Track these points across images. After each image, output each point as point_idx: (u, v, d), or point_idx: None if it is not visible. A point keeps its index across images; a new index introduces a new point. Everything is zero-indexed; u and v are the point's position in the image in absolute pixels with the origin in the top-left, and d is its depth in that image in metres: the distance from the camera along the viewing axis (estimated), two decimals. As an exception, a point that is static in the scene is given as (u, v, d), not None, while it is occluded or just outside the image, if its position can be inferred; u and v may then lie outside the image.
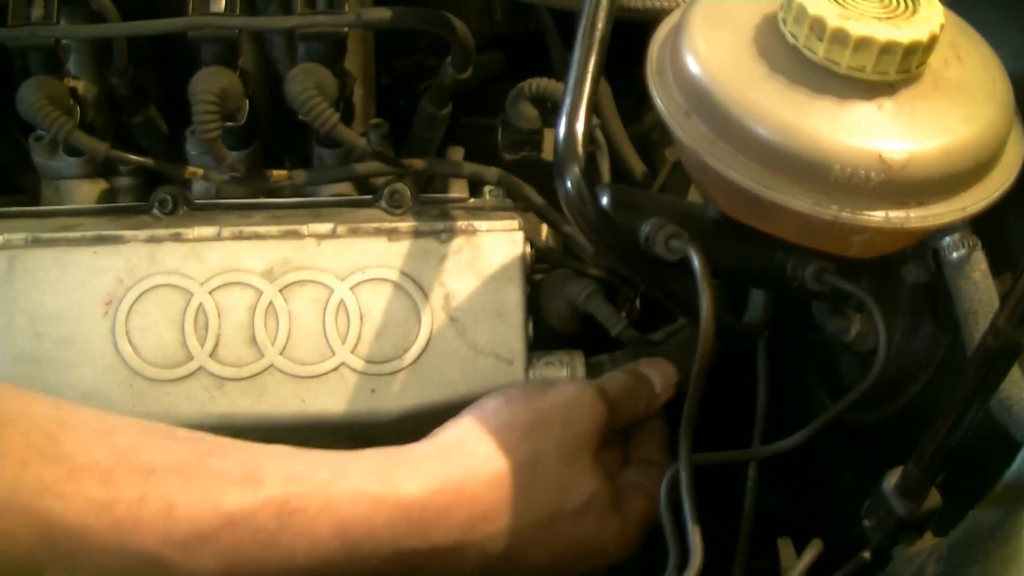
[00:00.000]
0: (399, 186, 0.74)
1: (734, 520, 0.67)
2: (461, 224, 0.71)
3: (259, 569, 0.55)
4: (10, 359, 0.68)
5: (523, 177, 0.75)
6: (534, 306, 0.73)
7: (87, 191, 0.77)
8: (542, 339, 0.73)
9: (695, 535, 0.54)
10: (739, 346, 0.70)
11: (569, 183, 0.54)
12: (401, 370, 0.70)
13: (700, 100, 0.51)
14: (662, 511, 0.60)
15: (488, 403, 0.65)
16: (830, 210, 0.49)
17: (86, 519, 0.52)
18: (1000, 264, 0.54)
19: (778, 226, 0.54)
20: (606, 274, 0.74)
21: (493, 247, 0.71)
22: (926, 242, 0.56)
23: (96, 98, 0.77)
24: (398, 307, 0.70)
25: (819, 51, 0.49)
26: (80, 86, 0.75)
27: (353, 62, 0.78)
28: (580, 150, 0.54)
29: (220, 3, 0.72)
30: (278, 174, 0.74)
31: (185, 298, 0.69)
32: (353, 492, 0.57)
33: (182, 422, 0.62)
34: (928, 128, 0.50)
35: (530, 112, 0.77)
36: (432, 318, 0.70)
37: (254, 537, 0.55)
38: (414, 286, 0.70)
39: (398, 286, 0.70)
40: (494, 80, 0.91)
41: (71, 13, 0.74)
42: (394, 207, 0.74)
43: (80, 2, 0.74)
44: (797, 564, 0.56)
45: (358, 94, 0.79)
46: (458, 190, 0.78)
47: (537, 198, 0.75)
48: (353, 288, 0.70)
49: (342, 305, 0.70)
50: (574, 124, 0.54)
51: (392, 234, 0.71)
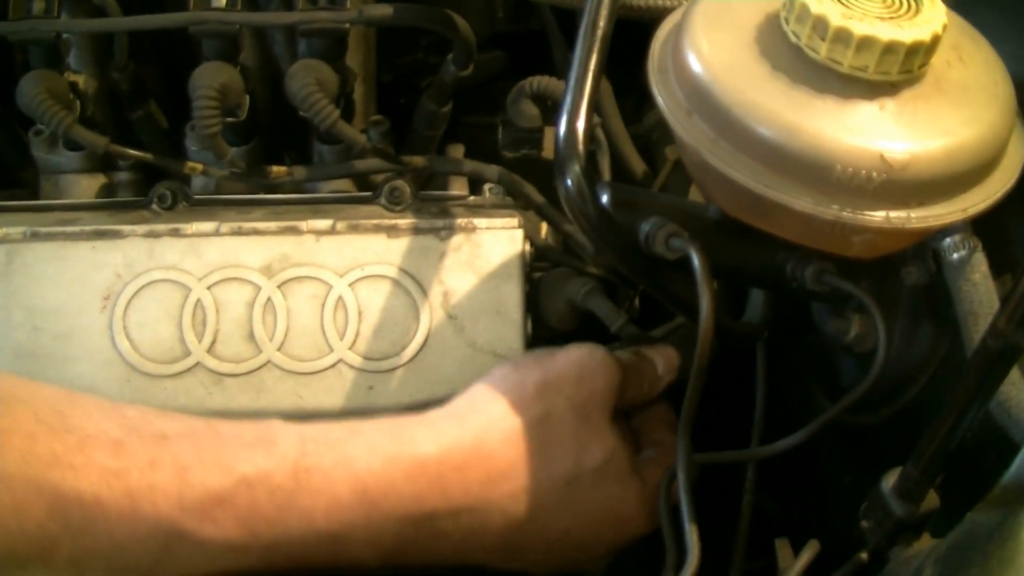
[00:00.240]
0: (399, 183, 0.74)
1: (732, 520, 0.67)
2: (461, 221, 0.71)
3: (279, 533, 0.54)
4: (8, 353, 0.68)
5: (523, 175, 0.75)
6: (533, 304, 0.73)
7: (86, 186, 0.77)
8: (541, 338, 0.72)
9: (692, 535, 0.54)
10: (738, 346, 0.70)
11: (570, 181, 0.54)
12: (399, 367, 0.69)
13: (702, 99, 0.51)
14: (661, 510, 0.60)
15: (497, 370, 0.64)
16: (831, 210, 0.49)
17: (98, 489, 0.52)
18: (1001, 265, 0.54)
19: (779, 226, 0.54)
20: (606, 273, 0.74)
21: (493, 245, 0.71)
22: (926, 243, 0.56)
23: (96, 93, 0.77)
24: (397, 304, 0.70)
25: (821, 51, 0.49)
26: (80, 80, 0.75)
27: (354, 59, 0.78)
28: (581, 148, 0.54)
29: (221, -1, 0.72)
30: (278, 170, 0.74)
31: (183, 293, 0.69)
32: (368, 448, 0.57)
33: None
34: (930, 129, 0.50)
35: (531, 110, 0.77)
36: (431, 315, 0.70)
37: (271, 498, 0.54)
38: (413, 283, 0.70)
39: (397, 283, 0.70)
40: (495, 78, 0.90)
41: (72, 7, 0.74)
42: (394, 204, 0.73)
43: (81, -4, 0.74)
44: (795, 565, 0.56)
45: (359, 91, 0.79)
46: (458, 188, 0.78)
47: (537, 196, 0.75)
48: (352, 285, 0.70)
49: (340, 301, 0.69)
50: (575, 122, 0.54)
51: (391, 231, 0.71)
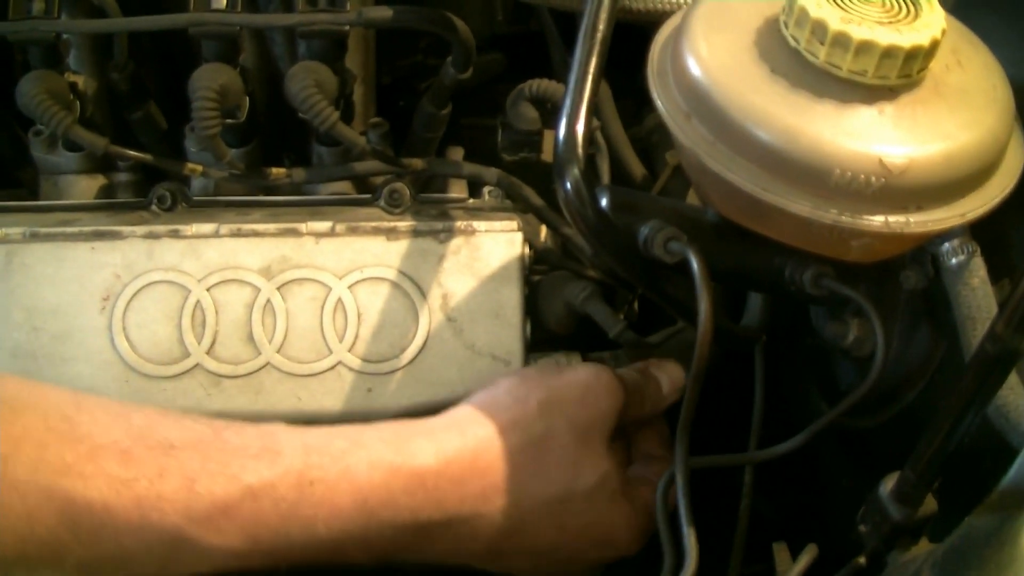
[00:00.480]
0: (398, 185, 0.74)
1: (730, 524, 0.67)
2: (460, 224, 0.71)
3: (281, 541, 0.56)
4: (7, 354, 0.68)
5: (522, 178, 0.75)
6: (532, 307, 0.73)
7: (86, 186, 0.77)
8: (540, 340, 0.72)
9: (691, 538, 0.54)
10: (737, 350, 0.70)
11: (569, 184, 0.54)
12: (398, 370, 0.69)
13: (701, 102, 0.51)
14: (658, 514, 0.60)
15: (503, 382, 0.65)
16: (829, 214, 0.49)
17: (108, 497, 0.53)
18: (999, 270, 0.54)
19: (777, 230, 0.54)
20: (605, 276, 0.74)
21: (492, 248, 0.71)
22: (925, 247, 0.56)
23: (96, 93, 0.77)
24: (396, 306, 0.70)
25: (820, 55, 0.49)
26: (80, 81, 0.75)
27: (354, 61, 0.78)
28: (580, 151, 0.54)
29: (222, 0, 0.72)
30: (277, 172, 0.74)
31: (183, 295, 0.69)
32: (370, 460, 0.58)
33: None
34: (929, 133, 0.50)
35: (530, 113, 0.76)
36: (430, 318, 0.70)
37: (275, 508, 0.55)
38: (412, 286, 0.70)
39: (396, 285, 0.70)
40: (495, 81, 0.90)
41: (72, 8, 0.74)
42: (393, 206, 0.73)
43: (81, -3, 0.74)
44: (792, 569, 0.56)
45: (358, 93, 0.79)
46: (457, 190, 0.78)
47: (536, 199, 0.75)
48: (351, 287, 0.70)
49: (340, 304, 0.69)
50: (574, 125, 0.54)
51: (391, 233, 0.71)
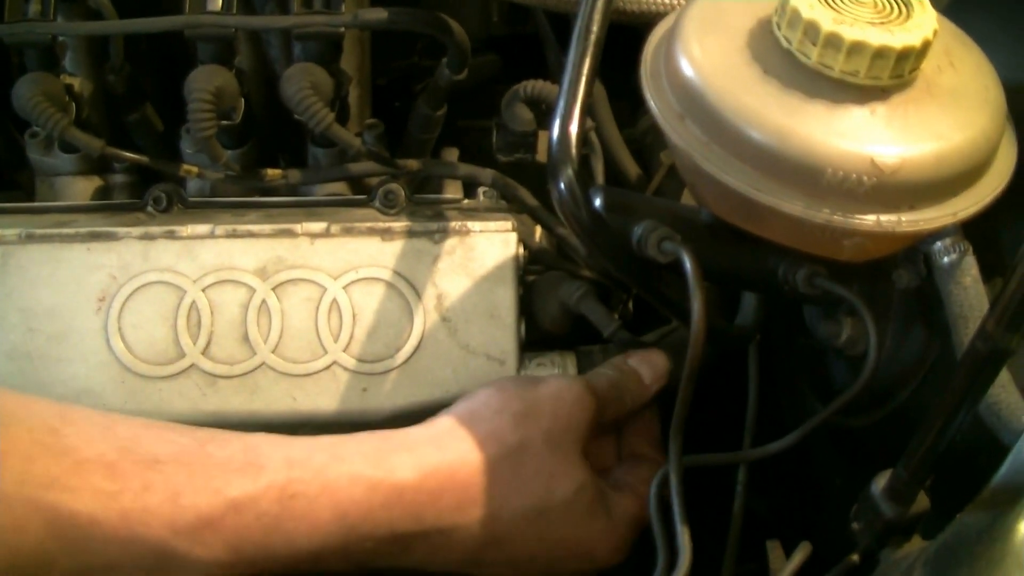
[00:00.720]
0: (393, 186, 0.74)
1: (723, 522, 0.67)
2: (455, 225, 0.71)
3: (264, 553, 0.57)
4: (2, 355, 0.68)
5: (518, 179, 0.76)
6: (526, 307, 0.73)
7: (82, 188, 0.77)
8: (534, 340, 0.73)
9: (684, 536, 0.54)
10: (730, 349, 0.70)
11: (562, 185, 0.54)
12: (393, 370, 0.70)
13: (694, 103, 0.52)
14: (651, 512, 0.60)
15: (480, 393, 0.66)
16: (822, 214, 0.50)
17: (94, 510, 0.54)
18: (991, 269, 0.54)
19: (770, 229, 0.55)
20: (599, 276, 0.74)
21: (486, 248, 0.71)
22: (917, 247, 0.56)
23: (92, 95, 0.77)
24: (391, 307, 0.70)
25: (813, 55, 0.49)
26: (76, 83, 0.75)
27: (349, 62, 0.78)
28: (573, 152, 0.54)
29: (217, 2, 0.72)
30: (273, 173, 0.74)
31: (178, 295, 0.69)
32: (350, 475, 0.59)
33: (174, 419, 0.62)
34: (920, 133, 0.50)
35: (525, 114, 0.77)
36: (424, 318, 0.70)
37: (258, 522, 0.56)
38: (407, 286, 0.70)
39: (391, 286, 0.70)
40: (490, 82, 0.91)
41: (68, 10, 0.74)
42: (388, 207, 0.74)
43: (77, -1, 0.74)
44: (786, 567, 0.56)
45: (354, 94, 0.79)
46: (452, 191, 0.78)
47: (531, 200, 0.75)
48: (346, 287, 0.70)
49: (335, 304, 0.70)
50: (568, 127, 0.54)
51: (386, 234, 0.71)
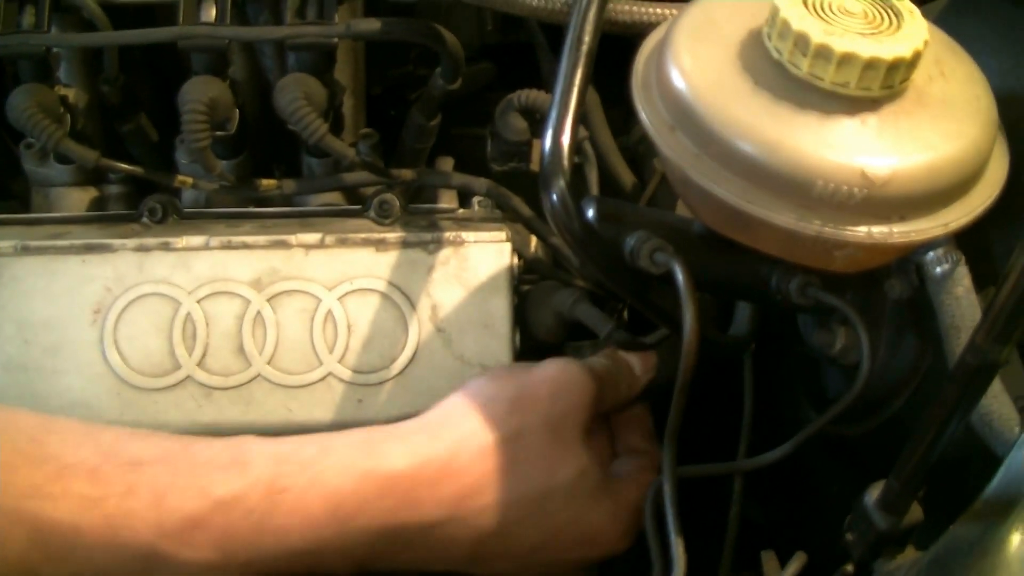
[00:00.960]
0: (388, 196, 0.74)
1: (719, 531, 0.67)
2: (449, 235, 0.71)
3: (254, 553, 0.55)
4: (-2, 367, 0.68)
5: (512, 188, 0.76)
6: (521, 317, 0.73)
7: (77, 199, 0.77)
8: (529, 350, 0.73)
9: (678, 548, 0.54)
10: (724, 359, 0.70)
11: (555, 196, 0.54)
12: (388, 380, 0.70)
13: (684, 115, 0.52)
14: (646, 522, 0.60)
15: (473, 383, 0.64)
16: (813, 225, 0.50)
17: (77, 517, 0.53)
18: (984, 279, 0.54)
19: (762, 241, 0.55)
20: (593, 286, 0.74)
21: (481, 258, 0.71)
22: (909, 257, 0.56)
23: (87, 106, 0.77)
24: (385, 317, 0.70)
25: (803, 66, 0.49)
26: (71, 94, 0.75)
27: (343, 72, 0.78)
28: (566, 163, 0.54)
29: (211, 13, 0.72)
30: (267, 183, 0.74)
31: (173, 307, 0.69)
32: (340, 466, 0.58)
33: (170, 431, 0.62)
34: (911, 144, 0.50)
35: (519, 124, 0.77)
36: (419, 329, 0.70)
37: (246, 519, 0.55)
38: (402, 297, 0.70)
39: (386, 296, 0.70)
40: (485, 90, 0.91)
41: (62, 21, 0.74)
42: (383, 217, 0.74)
43: (71, 10, 0.74)
44: (780, 577, 0.56)
45: (348, 104, 0.79)
46: (447, 200, 0.78)
47: (525, 209, 0.75)
48: (341, 298, 0.70)
49: (330, 315, 0.70)
50: (560, 137, 0.54)
51: (380, 244, 0.71)
